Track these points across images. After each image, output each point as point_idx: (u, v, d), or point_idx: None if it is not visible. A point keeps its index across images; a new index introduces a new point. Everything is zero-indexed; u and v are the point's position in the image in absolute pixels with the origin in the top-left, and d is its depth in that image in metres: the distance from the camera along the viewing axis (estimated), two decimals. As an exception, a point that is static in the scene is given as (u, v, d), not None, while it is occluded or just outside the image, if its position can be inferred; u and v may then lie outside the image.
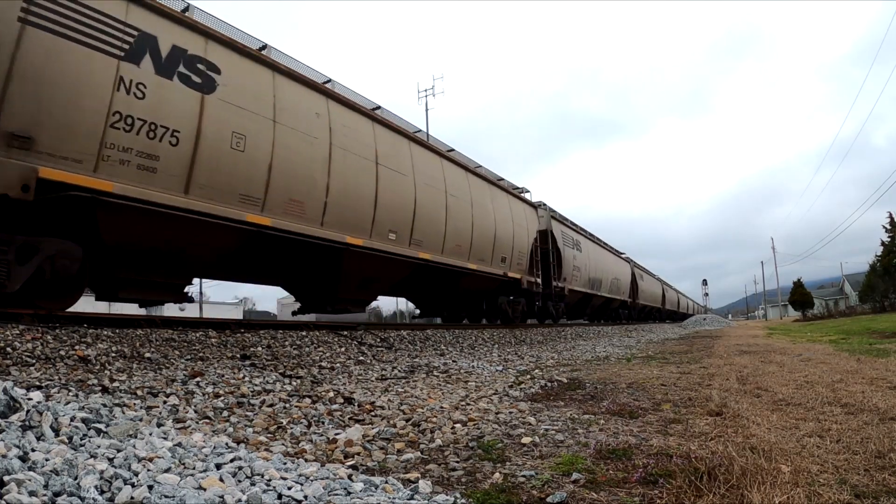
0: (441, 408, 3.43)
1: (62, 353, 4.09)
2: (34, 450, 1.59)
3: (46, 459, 1.52)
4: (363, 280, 8.83)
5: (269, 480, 1.71)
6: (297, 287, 9.07)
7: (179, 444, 1.99)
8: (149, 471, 1.62)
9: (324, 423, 3.01)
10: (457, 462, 2.28)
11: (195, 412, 3.06)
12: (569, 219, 19.66)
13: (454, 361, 6.56)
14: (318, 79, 8.12)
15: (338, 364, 5.62)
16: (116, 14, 5.30)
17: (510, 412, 3.36)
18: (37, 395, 1.99)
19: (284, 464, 1.95)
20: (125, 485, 1.47)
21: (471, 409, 3.43)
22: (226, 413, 3.13)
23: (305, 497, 1.58)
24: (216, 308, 44.56)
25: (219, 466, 1.79)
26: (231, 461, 1.85)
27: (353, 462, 2.27)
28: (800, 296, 47.24)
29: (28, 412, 1.83)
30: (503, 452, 2.43)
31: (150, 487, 1.47)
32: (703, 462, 2.06)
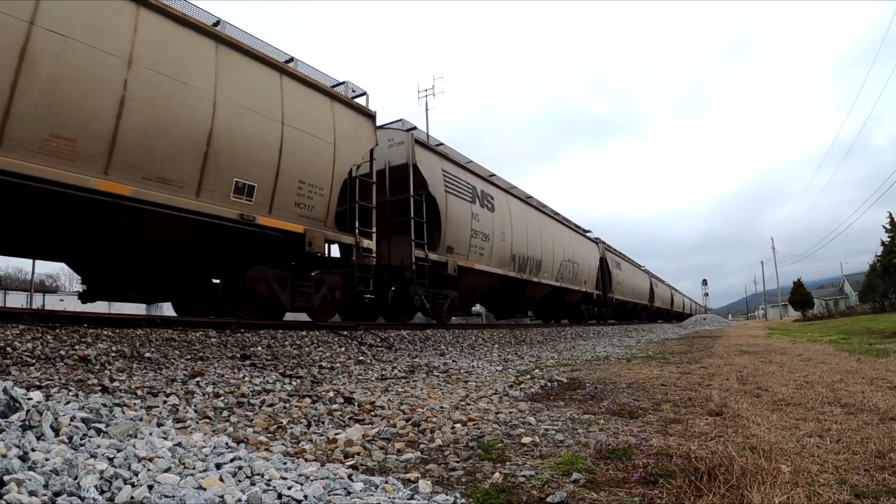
0: (441, 408, 3.43)
1: (62, 353, 4.09)
2: (34, 449, 1.59)
3: (46, 459, 1.52)
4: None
5: (269, 480, 1.71)
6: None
7: (179, 444, 1.99)
8: (149, 471, 1.62)
9: (324, 423, 3.01)
10: (457, 462, 2.28)
11: (195, 412, 3.06)
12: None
13: (454, 361, 6.56)
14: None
15: (338, 364, 5.62)
16: None
17: (510, 412, 3.36)
18: (37, 395, 1.99)
19: (284, 464, 1.95)
20: (125, 484, 1.47)
21: (471, 409, 3.43)
22: (226, 413, 3.13)
23: (305, 497, 1.57)
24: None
25: (219, 466, 1.79)
26: (231, 461, 1.85)
27: (353, 462, 2.27)
28: (800, 296, 47.27)
29: (28, 412, 1.83)
30: (503, 452, 2.43)
31: (150, 487, 1.47)
32: (703, 462, 2.06)
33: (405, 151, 10.30)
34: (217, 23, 6.97)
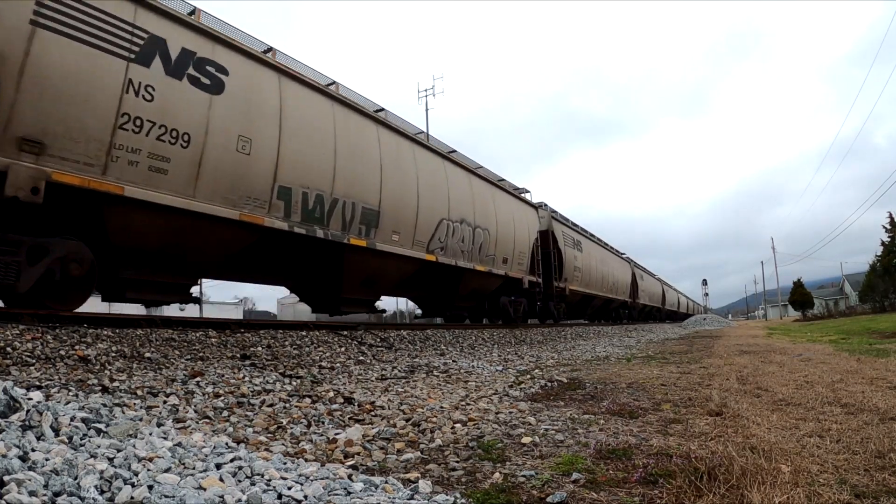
0: (441, 408, 3.43)
1: (62, 353, 4.09)
2: (34, 450, 1.59)
3: (46, 459, 1.52)
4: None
5: (269, 480, 1.70)
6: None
7: (179, 444, 1.99)
8: (149, 471, 1.62)
9: (324, 423, 3.01)
10: (457, 462, 2.28)
11: (195, 412, 3.06)
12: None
13: (454, 361, 6.56)
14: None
15: (338, 364, 5.62)
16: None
17: (510, 412, 3.36)
18: (37, 395, 1.99)
19: (284, 464, 1.95)
20: (125, 485, 1.47)
21: (471, 409, 3.43)
22: (226, 413, 3.13)
23: (305, 497, 1.57)
24: (216, 308, 44.61)
25: (219, 466, 1.79)
26: (231, 461, 1.84)
27: (353, 462, 2.27)
28: (800, 296, 47.26)
29: (28, 412, 1.83)
30: (503, 452, 2.43)
31: (150, 487, 1.47)
32: (703, 462, 2.06)
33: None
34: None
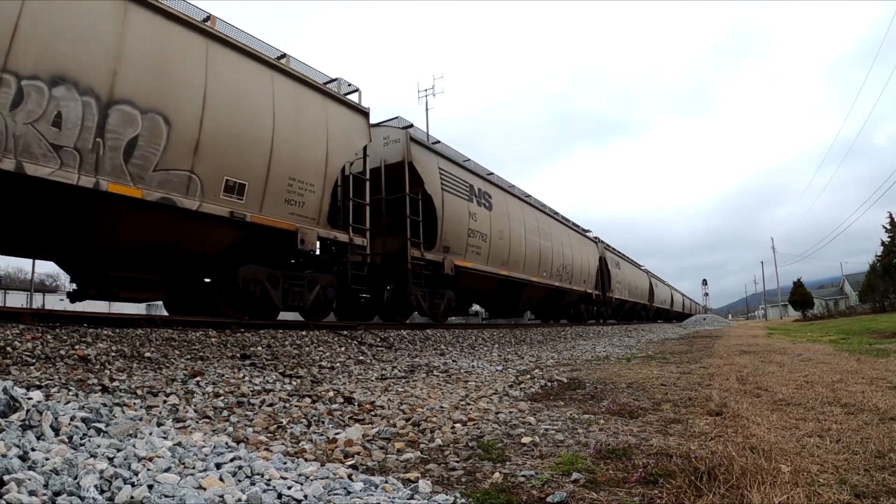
0: (441, 407, 3.43)
1: (62, 353, 4.09)
2: (34, 449, 1.59)
3: (46, 459, 1.52)
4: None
5: (269, 480, 1.70)
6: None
7: (179, 444, 1.99)
8: (149, 470, 1.62)
9: (324, 423, 3.01)
10: (457, 462, 2.28)
11: (195, 412, 3.06)
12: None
13: (454, 361, 6.56)
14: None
15: (338, 364, 5.62)
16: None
17: (510, 412, 3.36)
18: (37, 395, 1.99)
19: (284, 463, 1.95)
20: (125, 484, 1.47)
21: (471, 409, 3.43)
22: (226, 413, 3.13)
23: (305, 497, 1.57)
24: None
25: (219, 466, 1.79)
26: (231, 461, 1.84)
27: (353, 462, 2.27)
28: (800, 296, 47.22)
29: (28, 411, 1.83)
30: (503, 452, 2.43)
31: (150, 487, 1.47)
32: (703, 462, 2.06)
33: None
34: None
